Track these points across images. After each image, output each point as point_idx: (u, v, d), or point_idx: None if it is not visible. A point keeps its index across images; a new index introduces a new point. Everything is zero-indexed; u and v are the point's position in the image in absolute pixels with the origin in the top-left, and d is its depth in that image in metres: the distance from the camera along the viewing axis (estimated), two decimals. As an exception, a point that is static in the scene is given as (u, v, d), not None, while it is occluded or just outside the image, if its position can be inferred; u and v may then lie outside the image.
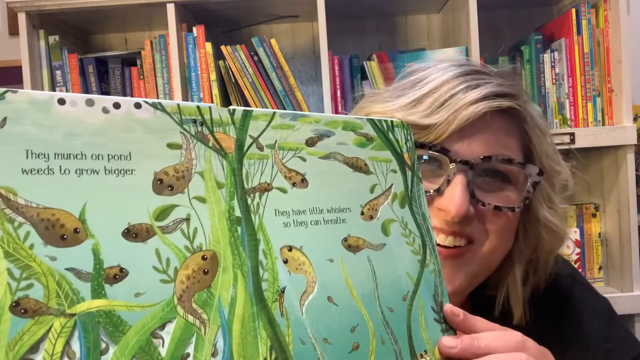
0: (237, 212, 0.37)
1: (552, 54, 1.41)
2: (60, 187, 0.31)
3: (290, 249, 0.39)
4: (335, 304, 0.40)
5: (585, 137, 1.35)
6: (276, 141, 0.40)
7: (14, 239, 0.30)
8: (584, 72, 1.38)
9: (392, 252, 0.44)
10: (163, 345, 0.33)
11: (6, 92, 0.31)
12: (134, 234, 0.33)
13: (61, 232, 0.31)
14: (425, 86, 0.57)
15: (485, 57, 1.45)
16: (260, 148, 0.39)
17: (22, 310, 0.29)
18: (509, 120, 0.57)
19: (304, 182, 0.41)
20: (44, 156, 0.31)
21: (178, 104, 0.36)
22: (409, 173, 0.48)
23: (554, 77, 1.42)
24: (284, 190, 0.39)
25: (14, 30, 1.65)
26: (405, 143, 0.48)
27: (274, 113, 0.40)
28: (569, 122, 1.39)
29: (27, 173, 0.30)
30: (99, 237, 0.32)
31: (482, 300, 0.63)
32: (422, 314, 0.45)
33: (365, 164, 0.45)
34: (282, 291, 0.38)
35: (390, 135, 0.47)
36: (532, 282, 0.62)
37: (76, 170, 0.32)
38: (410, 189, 0.48)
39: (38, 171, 0.31)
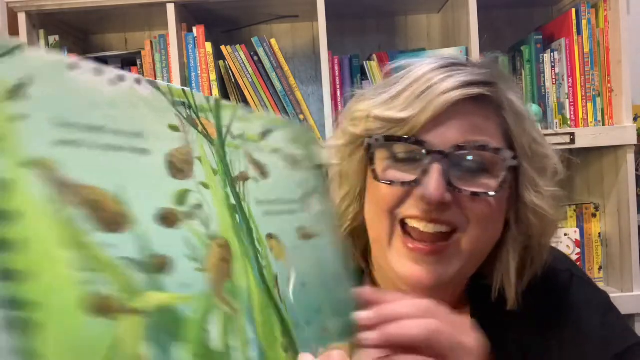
0: (232, 200, 0.37)
1: (552, 54, 1.41)
2: (93, 164, 0.28)
3: (271, 237, 0.39)
4: (308, 288, 0.41)
5: (585, 137, 1.35)
6: (244, 132, 0.40)
7: (68, 222, 0.26)
8: (584, 72, 1.38)
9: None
10: (212, 339, 0.31)
11: (17, 48, 0.26)
12: (165, 219, 0.31)
13: (106, 215, 0.28)
14: (403, 81, 0.59)
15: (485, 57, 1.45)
16: (233, 137, 0.39)
17: (98, 309, 0.26)
18: (485, 107, 0.58)
19: (265, 174, 0.41)
20: (71, 127, 0.27)
21: (168, 85, 0.34)
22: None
23: (554, 77, 1.42)
24: (256, 180, 0.40)
25: (14, 30, 1.64)
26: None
27: (237, 105, 0.40)
28: (569, 122, 1.39)
29: (57, 145, 0.26)
30: (140, 222, 0.29)
31: (478, 289, 0.64)
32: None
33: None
34: (276, 278, 0.38)
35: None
36: (529, 273, 0.62)
37: (102, 146, 0.29)
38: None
39: (69, 143, 0.27)
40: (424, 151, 0.56)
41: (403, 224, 0.58)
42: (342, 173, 0.65)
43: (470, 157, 0.57)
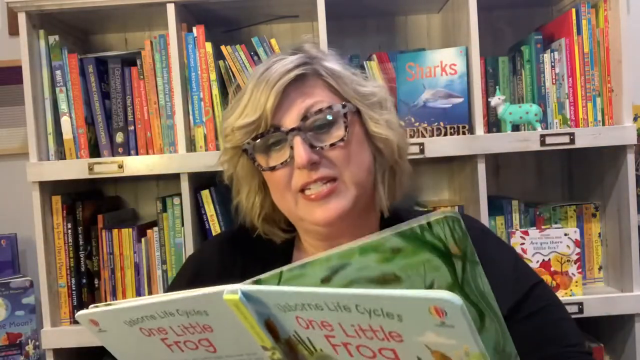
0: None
1: (552, 54, 1.41)
2: None
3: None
4: None
5: (585, 137, 1.34)
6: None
7: None
8: (584, 72, 1.38)
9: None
10: None
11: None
12: None
13: None
14: (245, 94, 0.77)
15: (485, 57, 1.45)
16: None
17: None
18: (308, 79, 0.76)
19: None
20: None
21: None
22: (458, 262, 0.46)
23: (554, 77, 1.42)
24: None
25: (14, 30, 1.65)
26: (452, 235, 0.45)
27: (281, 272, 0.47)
28: (569, 122, 1.39)
29: None
30: None
31: (384, 226, 0.81)
32: None
33: (396, 275, 0.46)
34: None
35: (428, 237, 0.45)
36: (398, 186, 0.82)
37: None
38: (461, 275, 0.46)
39: None
40: (282, 133, 0.74)
41: (301, 192, 0.75)
42: (239, 177, 0.83)
43: (318, 122, 0.75)
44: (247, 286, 0.49)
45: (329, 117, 0.75)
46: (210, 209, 1.40)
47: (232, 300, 0.48)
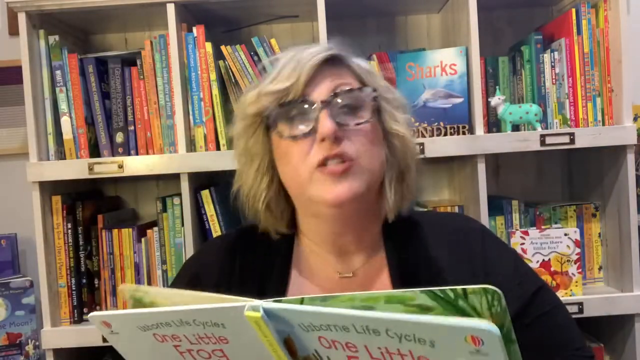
0: None
1: (552, 54, 1.41)
2: None
3: None
4: None
5: (586, 137, 1.34)
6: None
7: None
8: (584, 72, 1.38)
9: None
10: None
11: None
12: None
13: None
14: (279, 64, 0.78)
15: (485, 57, 1.45)
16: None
17: None
18: (339, 66, 0.79)
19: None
20: None
21: None
22: None
23: (554, 77, 1.42)
24: None
25: (14, 30, 1.65)
26: (489, 308, 0.44)
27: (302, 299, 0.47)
28: (569, 122, 1.38)
29: None
30: None
31: (385, 230, 0.83)
32: None
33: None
34: None
35: (461, 303, 0.44)
36: (406, 192, 0.81)
37: None
38: None
39: None
40: (311, 104, 0.75)
41: (317, 168, 0.74)
42: (250, 152, 0.81)
43: (346, 100, 0.76)
44: (269, 304, 0.48)
45: (358, 98, 0.76)
46: (210, 209, 1.40)
47: (254, 317, 0.48)
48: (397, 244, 0.82)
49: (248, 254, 0.86)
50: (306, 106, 0.75)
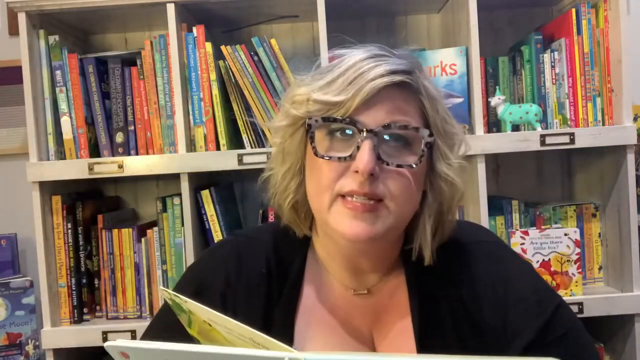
0: None
1: (552, 54, 1.41)
2: None
3: None
4: None
5: (586, 137, 1.35)
6: None
7: None
8: (584, 72, 1.38)
9: None
10: None
11: None
12: None
13: None
14: (337, 69, 0.70)
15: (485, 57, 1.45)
16: None
17: None
18: (406, 92, 0.69)
19: None
20: None
21: None
22: None
23: (554, 77, 1.42)
24: None
25: (14, 30, 1.65)
26: None
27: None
28: (569, 122, 1.39)
29: None
30: None
31: (407, 256, 0.76)
32: None
33: None
34: None
35: None
36: (440, 233, 0.75)
37: None
38: None
39: None
40: (356, 130, 0.67)
41: (342, 197, 0.68)
42: (284, 150, 0.75)
43: (396, 135, 0.68)
44: (312, 355, 0.47)
45: (410, 137, 0.69)
46: (210, 209, 1.40)
47: None
48: (417, 265, 0.76)
49: (256, 262, 0.80)
50: (351, 131, 0.68)
